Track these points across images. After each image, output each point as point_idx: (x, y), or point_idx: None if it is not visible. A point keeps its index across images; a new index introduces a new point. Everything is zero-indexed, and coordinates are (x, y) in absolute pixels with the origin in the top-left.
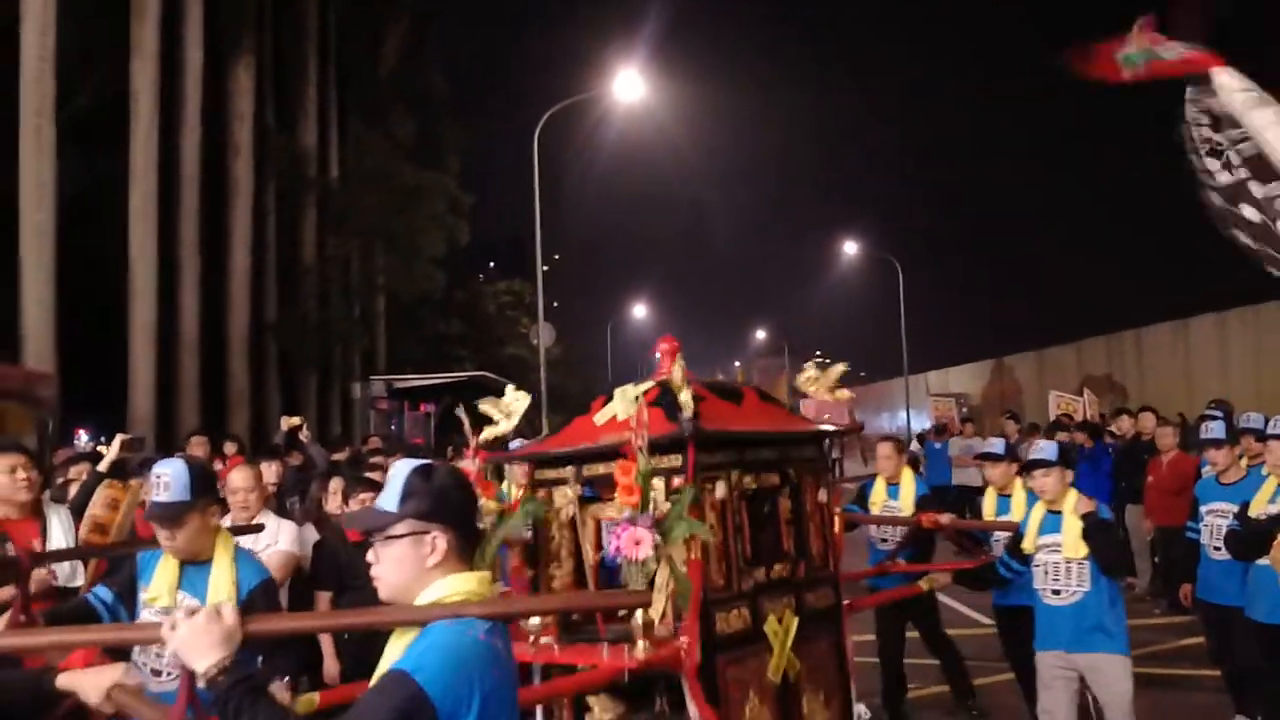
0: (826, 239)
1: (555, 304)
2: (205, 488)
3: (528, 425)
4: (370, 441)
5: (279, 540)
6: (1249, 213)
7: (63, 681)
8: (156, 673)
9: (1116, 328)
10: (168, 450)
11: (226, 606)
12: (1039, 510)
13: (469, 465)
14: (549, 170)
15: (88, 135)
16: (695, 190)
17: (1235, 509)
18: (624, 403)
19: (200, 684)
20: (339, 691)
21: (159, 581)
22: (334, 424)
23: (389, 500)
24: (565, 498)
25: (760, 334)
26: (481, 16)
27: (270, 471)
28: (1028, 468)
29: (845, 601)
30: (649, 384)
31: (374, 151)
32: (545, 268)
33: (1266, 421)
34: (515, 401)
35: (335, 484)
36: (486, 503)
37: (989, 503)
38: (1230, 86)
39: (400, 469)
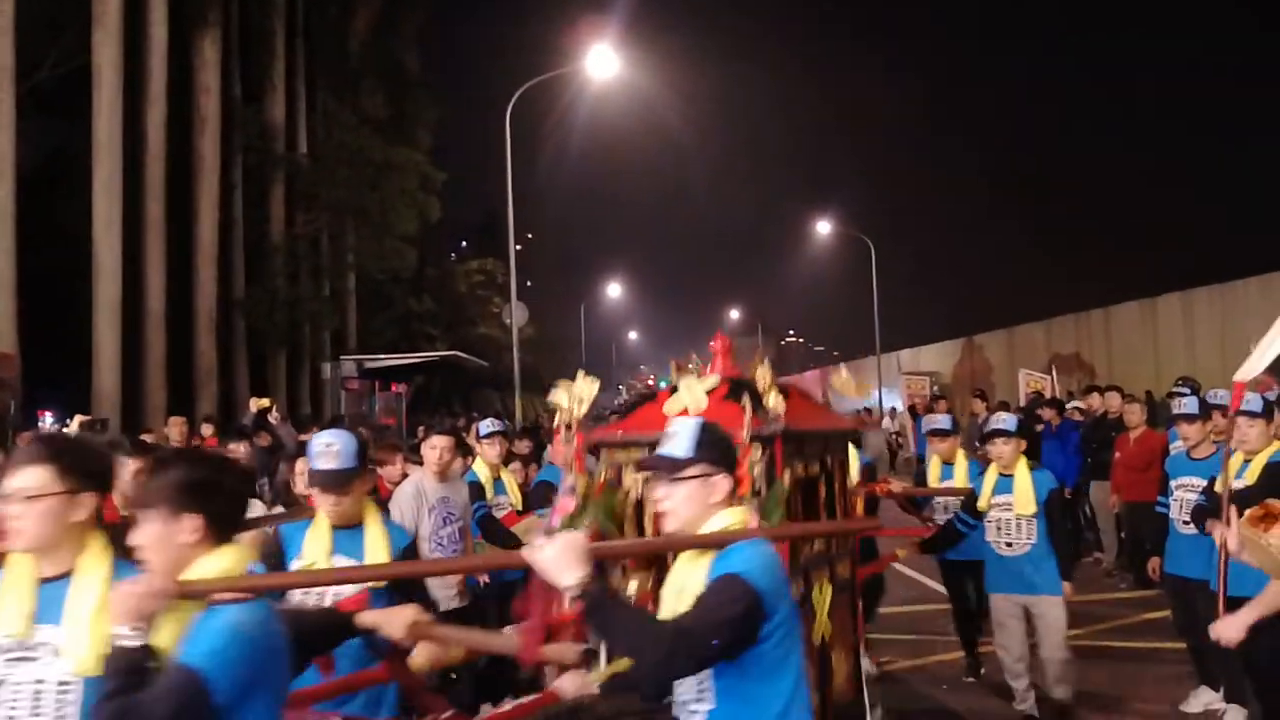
0: (800, 218)
1: (528, 283)
2: (367, 457)
3: (501, 407)
4: (346, 424)
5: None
6: None
7: (365, 619)
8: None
9: (1085, 307)
10: (134, 431)
11: (575, 534)
12: (992, 473)
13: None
14: (522, 148)
15: (51, 108)
16: (669, 169)
17: (1204, 483)
18: (693, 396)
19: (571, 594)
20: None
21: (312, 548)
22: (303, 404)
23: (680, 448)
24: (634, 480)
25: (734, 313)
26: None
27: (238, 452)
28: (990, 435)
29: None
30: (715, 379)
31: (344, 127)
32: (518, 246)
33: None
34: (586, 387)
35: (304, 465)
36: (581, 479)
37: (934, 471)
38: None
39: (686, 424)
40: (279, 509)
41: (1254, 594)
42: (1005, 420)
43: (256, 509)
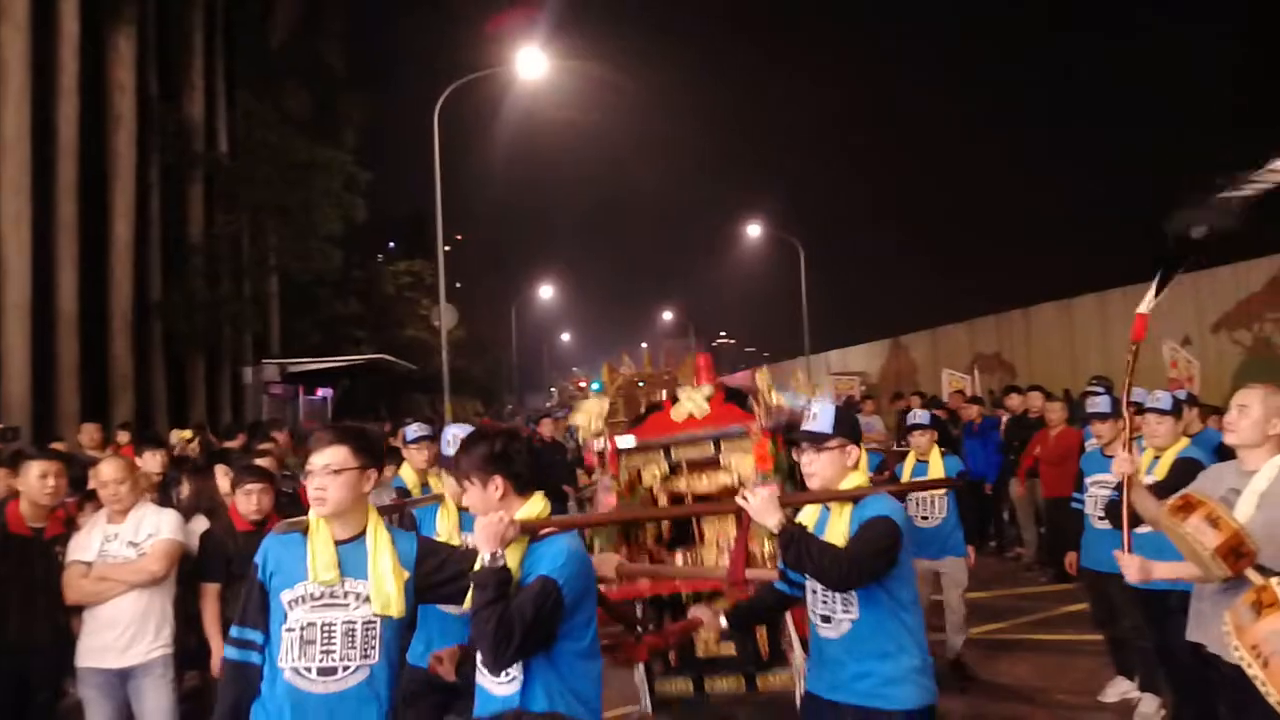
0: (731, 220)
1: (458, 284)
2: None
3: (431, 410)
4: (272, 431)
5: (161, 529)
6: None
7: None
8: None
9: (1006, 307)
10: (45, 438)
11: (772, 487)
12: (910, 460)
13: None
14: (451, 148)
15: None
16: (601, 171)
17: (1117, 480)
18: (696, 404)
19: (774, 530)
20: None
21: (443, 526)
22: (224, 410)
23: (825, 424)
24: (653, 475)
25: (667, 315)
26: None
27: (154, 460)
28: (910, 429)
29: None
30: (710, 389)
31: (266, 125)
32: (447, 248)
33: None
34: (598, 406)
35: (224, 470)
36: (614, 480)
37: (908, 466)
38: None
39: (826, 406)
40: (199, 516)
41: (1167, 587)
42: (920, 415)
43: (150, 515)
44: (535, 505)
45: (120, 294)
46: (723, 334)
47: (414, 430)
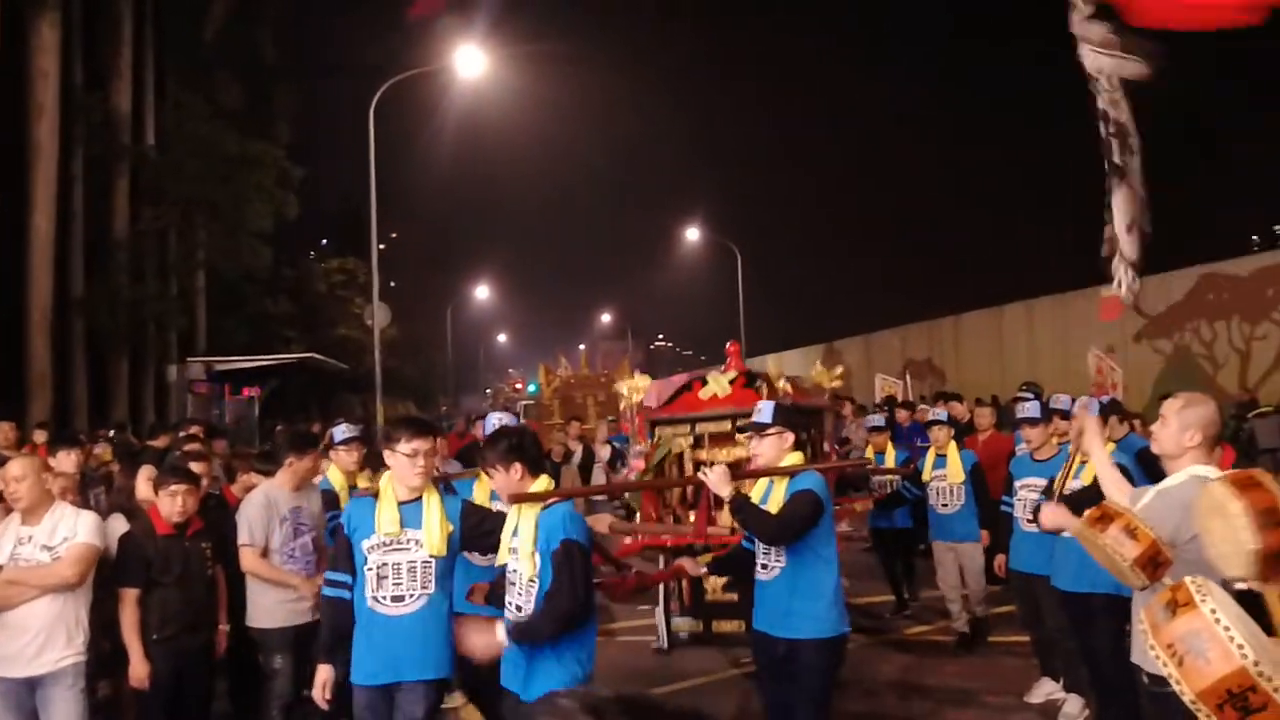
0: (669, 224)
1: (392, 283)
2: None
3: (363, 411)
4: (189, 429)
5: (77, 533)
6: None
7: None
8: None
9: (937, 314)
10: None
11: (724, 466)
12: (931, 454)
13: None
14: (387, 145)
15: None
16: (539, 172)
17: (1045, 483)
18: (719, 385)
19: (726, 499)
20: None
21: (479, 496)
22: (147, 409)
23: (766, 416)
24: (679, 446)
25: (605, 317)
26: None
27: (69, 461)
28: (928, 425)
29: None
30: (734, 374)
31: (196, 118)
32: (381, 245)
33: (1072, 402)
34: (642, 380)
35: (146, 472)
36: (644, 445)
37: (869, 456)
38: None
39: (767, 404)
40: (116, 514)
41: (1089, 590)
42: (939, 413)
43: (68, 516)
44: (543, 482)
45: (39, 290)
46: (660, 337)
47: (342, 431)
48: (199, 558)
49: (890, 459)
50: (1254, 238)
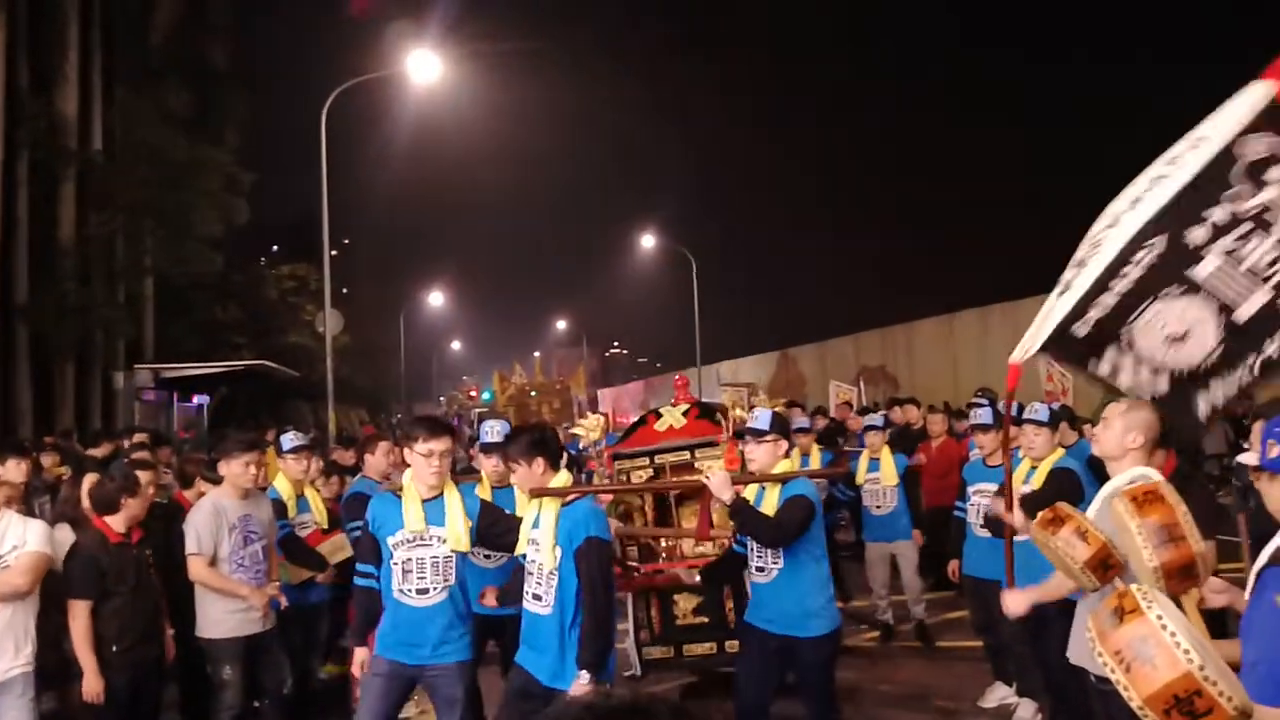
0: (624, 231)
1: (344, 290)
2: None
3: (314, 418)
4: (135, 436)
5: (27, 541)
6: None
7: None
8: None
9: (890, 321)
10: None
11: (725, 472)
12: (865, 457)
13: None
14: (339, 150)
15: None
16: (494, 177)
17: (997, 489)
18: (674, 417)
19: (727, 503)
20: None
21: (482, 491)
22: (94, 416)
23: (764, 423)
24: (639, 477)
25: (560, 324)
26: None
27: (18, 470)
28: (866, 429)
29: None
30: (686, 406)
31: (144, 123)
32: (334, 252)
33: (1023, 408)
34: (596, 423)
35: (90, 480)
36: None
37: (795, 460)
38: None
39: (765, 411)
40: (63, 524)
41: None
42: (875, 418)
43: (15, 525)
44: (564, 477)
45: None
46: (615, 344)
47: (290, 439)
48: (147, 566)
49: (815, 461)
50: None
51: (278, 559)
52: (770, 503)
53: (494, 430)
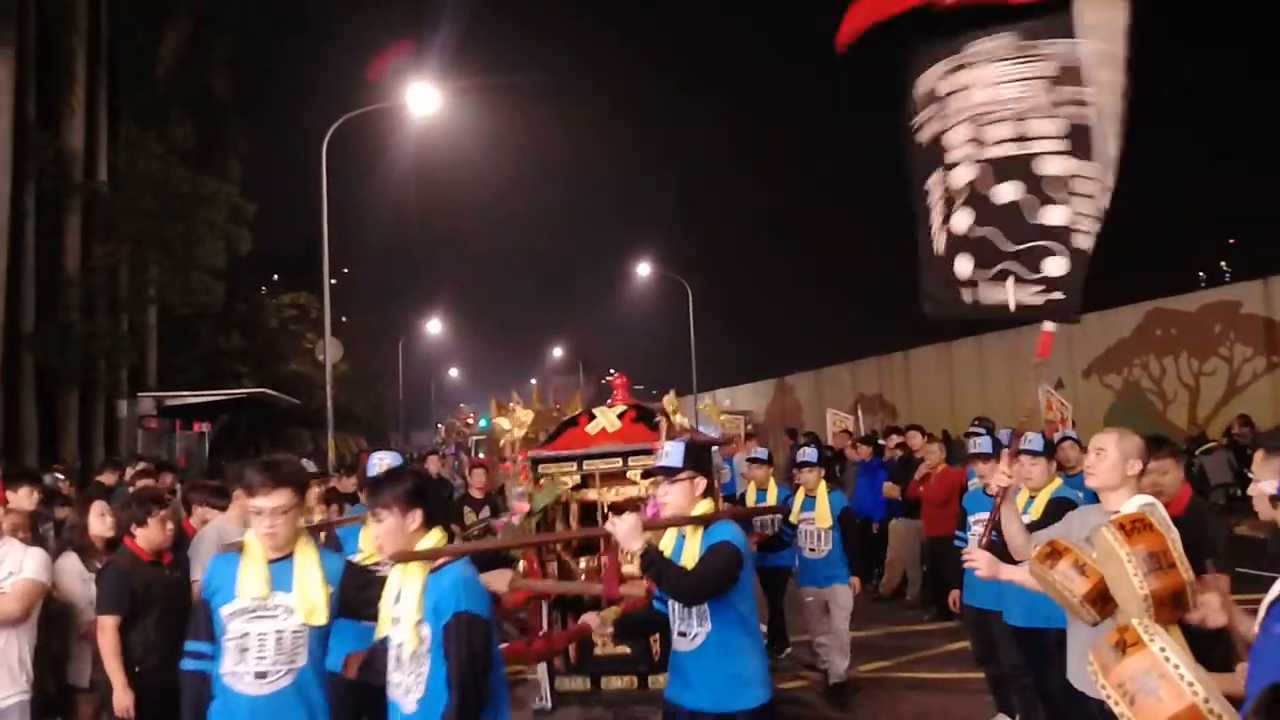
0: (621, 259)
1: (344, 318)
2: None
3: (314, 446)
4: (138, 464)
5: (23, 568)
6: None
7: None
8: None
9: (887, 350)
10: None
11: (636, 515)
12: (800, 495)
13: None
14: (340, 180)
15: None
16: (492, 207)
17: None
18: (608, 419)
19: (636, 553)
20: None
21: (366, 544)
22: (97, 444)
23: (676, 459)
24: (564, 485)
25: (557, 351)
26: (272, 22)
27: (28, 499)
28: (799, 465)
29: None
30: (623, 407)
31: (148, 155)
32: (333, 281)
33: (1016, 436)
34: (525, 414)
35: (96, 508)
36: (528, 486)
37: (750, 495)
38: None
39: (677, 444)
40: (68, 552)
41: (1044, 625)
42: (809, 453)
43: (14, 552)
44: (435, 536)
45: None
46: (612, 371)
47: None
48: (180, 589)
49: (772, 495)
50: (1200, 274)
51: None
52: (692, 552)
53: (383, 464)
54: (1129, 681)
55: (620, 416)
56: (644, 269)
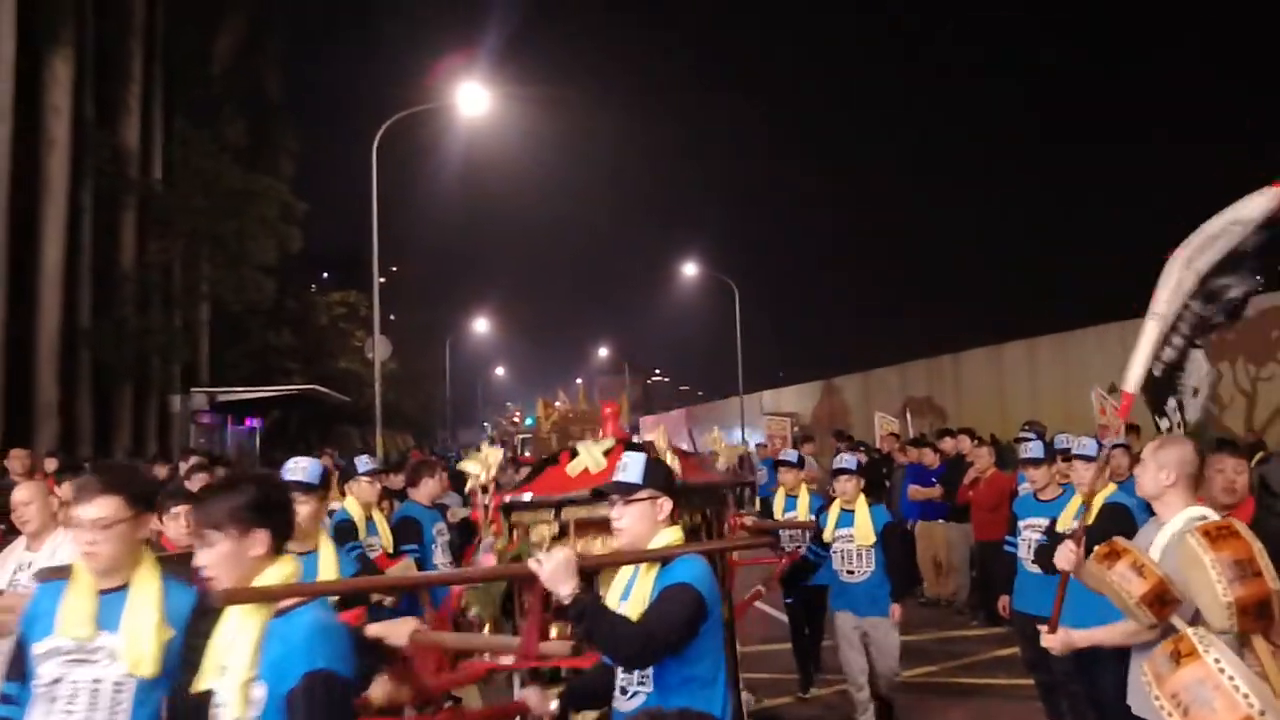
0: (667, 259)
1: (392, 317)
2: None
3: (362, 443)
4: (191, 459)
5: (56, 557)
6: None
7: (371, 631)
8: None
9: (937, 352)
10: None
11: (567, 552)
12: (835, 508)
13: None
14: (389, 180)
15: None
16: (539, 207)
17: (1049, 523)
18: (592, 458)
19: (566, 600)
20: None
21: (324, 569)
22: (151, 439)
23: (634, 474)
24: (541, 535)
25: (602, 351)
26: (323, 22)
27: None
28: (835, 473)
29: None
30: (611, 442)
31: (202, 153)
32: (382, 279)
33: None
34: (492, 456)
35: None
36: (497, 540)
37: (778, 502)
38: None
39: (636, 457)
40: None
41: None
42: (847, 460)
43: (66, 545)
44: (285, 568)
45: (48, 321)
46: (657, 372)
47: (365, 463)
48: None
49: (803, 503)
50: (1259, 279)
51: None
52: (642, 593)
53: (300, 469)
54: (1183, 692)
55: (607, 454)
56: (690, 269)
